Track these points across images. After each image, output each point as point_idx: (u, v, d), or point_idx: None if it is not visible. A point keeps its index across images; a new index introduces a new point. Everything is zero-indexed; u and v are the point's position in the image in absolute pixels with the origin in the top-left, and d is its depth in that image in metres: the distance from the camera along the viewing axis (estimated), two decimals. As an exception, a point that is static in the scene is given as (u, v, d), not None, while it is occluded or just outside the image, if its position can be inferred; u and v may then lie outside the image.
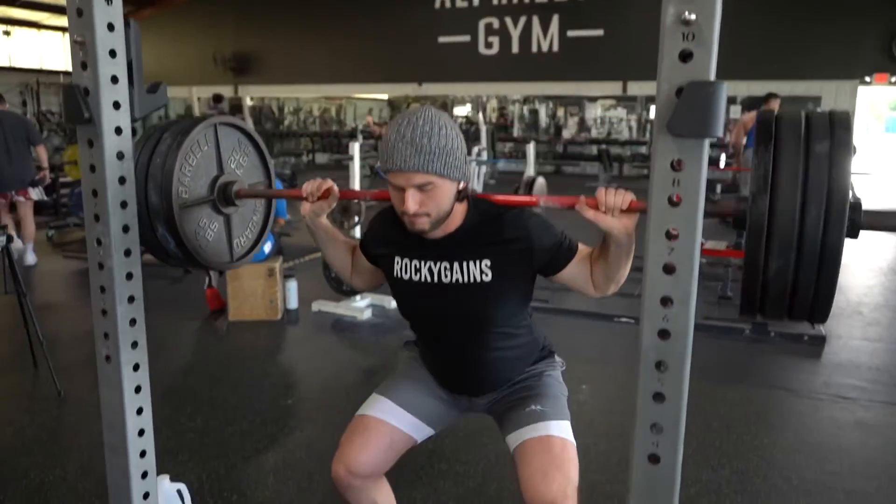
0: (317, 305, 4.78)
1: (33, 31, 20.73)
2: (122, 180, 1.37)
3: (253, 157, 1.87)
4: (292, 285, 4.78)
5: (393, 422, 1.73)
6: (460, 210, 1.59)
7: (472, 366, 1.73)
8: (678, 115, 0.94)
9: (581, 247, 1.63)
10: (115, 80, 1.34)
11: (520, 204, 1.59)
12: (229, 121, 1.77)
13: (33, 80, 18.23)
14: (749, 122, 7.94)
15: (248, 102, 15.97)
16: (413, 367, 1.87)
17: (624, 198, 1.34)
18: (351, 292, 4.64)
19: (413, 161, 1.42)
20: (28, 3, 18.60)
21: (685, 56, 0.94)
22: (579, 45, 15.66)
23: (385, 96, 20.74)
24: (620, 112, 18.36)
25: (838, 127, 1.06)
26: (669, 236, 0.99)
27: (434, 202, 1.49)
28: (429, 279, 1.63)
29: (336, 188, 1.64)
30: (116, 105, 1.34)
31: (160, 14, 18.09)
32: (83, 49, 1.31)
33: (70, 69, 1.33)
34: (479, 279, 1.59)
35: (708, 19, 0.92)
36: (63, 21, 20.35)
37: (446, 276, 1.61)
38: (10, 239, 3.34)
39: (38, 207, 8.84)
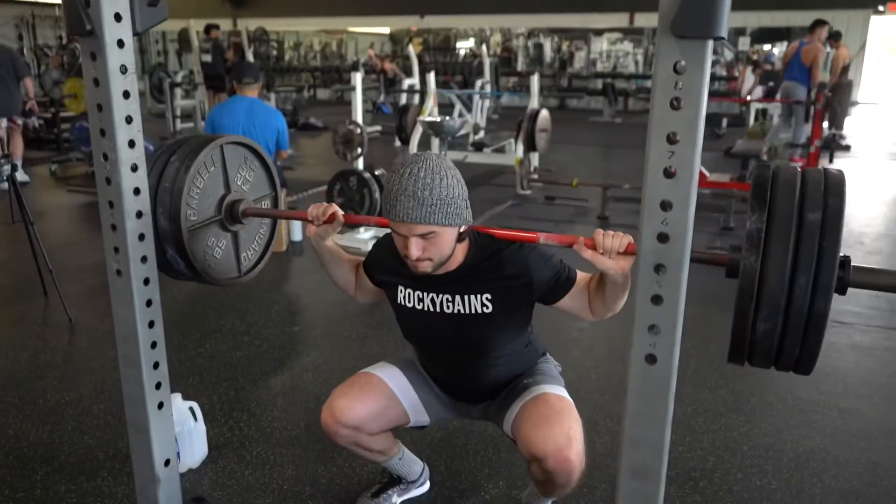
0: (321, 237, 4.80)
1: (26, -38, 20.16)
2: (126, 94, 1.37)
3: (259, 171, 1.90)
4: (296, 217, 4.79)
5: (395, 390, 1.81)
6: (461, 249, 1.64)
7: (472, 382, 1.81)
8: (681, 14, 0.94)
9: (579, 275, 1.67)
10: (115, -9, 1.33)
11: (520, 240, 1.60)
12: (235, 140, 1.80)
13: (28, 13, 17.88)
14: (790, 54, 7.84)
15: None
16: (417, 364, 1.92)
17: (621, 241, 1.40)
18: (355, 224, 4.65)
19: (415, 213, 1.46)
20: (20, -67, 18.08)
21: (690, -46, 0.93)
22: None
23: (387, 30, 20.32)
24: (626, 46, 18.00)
25: (832, 196, 1.10)
26: (670, 140, 0.99)
27: (436, 248, 1.54)
28: (431, 309, 1.69)
29: (341, 213, 1.68)
30: (118, 17, 1.33)
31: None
32: (82, -41, 1.29)
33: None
34: (479, 311, 1.65)
35: (714, -85, 0.91)
36: (55, -48, 19.79)
37: (448, 307, 1.67)
38: (14, 167, 3.35)
39: (41, 142, 8.86)
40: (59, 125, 8.48)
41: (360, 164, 4.77)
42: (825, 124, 6.48)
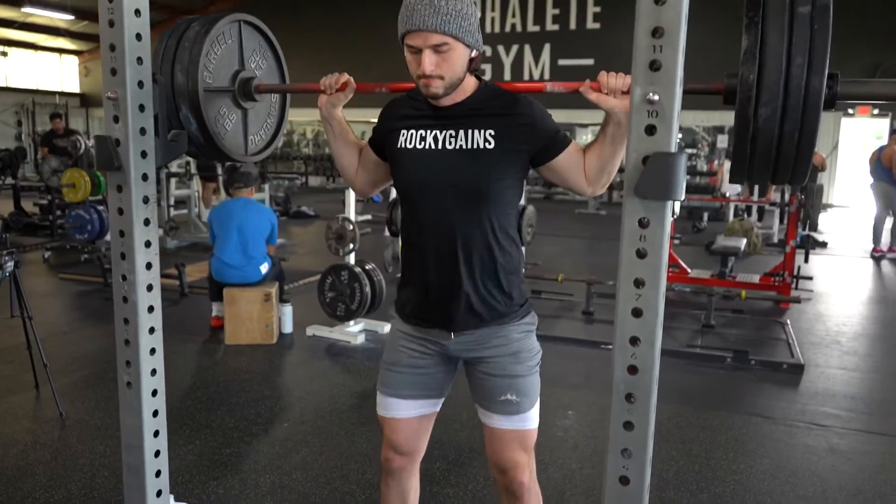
0: (311, 330, 4.90)
1: (30, 51, 20.90)
2: (146, 222, 1.51)
3: (271, 62, 1.97)
4: (287, 310, 4.90)
5: (406, 414, 1.89)
6: (471, 83, 1.71)
7: (458, 259, 1.73)
8: (644, 180, 1.09)
9: (574, 142, 1.76)
10: (143, 132, 1.48)
11: (527, 90, 1.72)
12: (253, 21, 1.87)
13: (29, 101, 18.37)
14: (873, 158, 9.10)
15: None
16: (394, 348, 1.89)
17: (625, 80, 1.50)
18: (345, 317, 4.76)
19: (431, 21, 1.53)
20: (25, 25, 18.79)
21: (650, 130, 1.09)
22: (570, 73, 15.97)
23: (375, 121, 20.98)
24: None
25: None
26: (637, 284, 1.13)
27: (448, 64, 1.59)
28: (433, 146, 1.71)
29: (352, 81, 1.76)
30: (143, 154, 1.48)
31: (154, 35, 18.31)
32: (115, 104, 1.45)
33: (64, 90, 1.46)
34: (481, 146, 1.68)
35: (669, 99, 1.08)
36: (59, 42, 20.57)
37: (450, 143, 1.70)
38: (17, 264, 3.45)
39: (35, 228, 8.99)
40: (54, 212, 8.63)
41: (352, 258, 4.91)
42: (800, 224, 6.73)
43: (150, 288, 1.53)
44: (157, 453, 1.61)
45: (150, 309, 1.54)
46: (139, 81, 1.46)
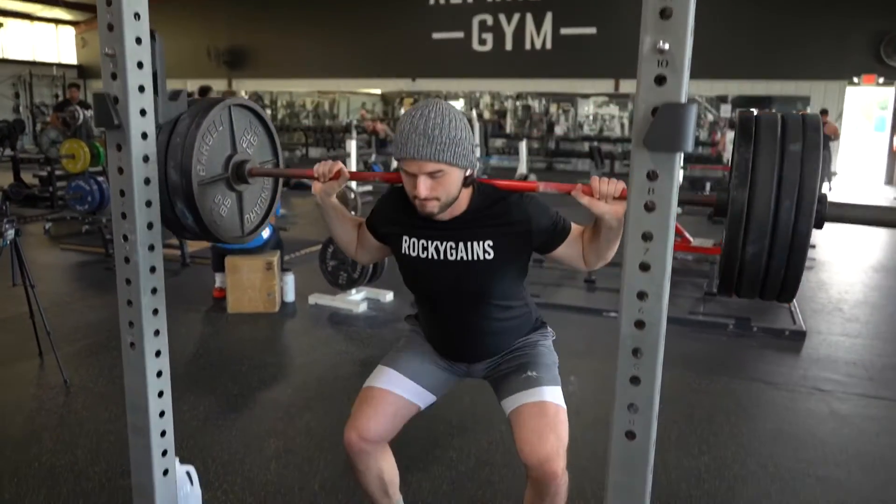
0: (313, 298, 4.90)
1: (26, 22, 20.68)
2: (147, 181, 1.49)
3: (262, 136, 1.97)
4: (289, 279, 4.90)
5: (398, 391, 1.89)
6: (466, 194, 1.74)
7: (471, 335, 1.88)
8: (653, 131, 1.07)
9: (574, 227, 1.79)
10: (141, 89, 1.46)
11: (521, 189, 1.74)
12: (242, 102, 1.87)
13: (26, 72, 18.22)
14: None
15: (243, 94, 16.01)
16: (414, 339, 2.02)
17: (616, 186, 1.50)
18: (347, 286, 4.76)
19: (425, 151, 1.57)
20: (21, -5, 18.56)
21: (660, 80, 1.07)
22: (572, 42, 15.81)
23: (378, 91, 20.84)
24: (612, 109, 18.49)
25: (810, 129, 1.19)
26: (645, 238, 1.12)
27: (443, 188, 1.63)
28: (435, 256, 1.78)
29: (346, 169, 1.76)
30: (143, 112, 1.46)
31: (153, 7, 18.11)
32: (113, 61, 1.42)
33: (62, 61, 1.44)
34: (481, 257, 1.74)
35: (679, 48, 1.05)
36: (56, 13, 20.34)
37: (451, 255, 1.76)
38: (18, 232, 3.44)
39: (36, 200, 8.96)
40: (54, 184, 8.60)
41: (354, 227, 4.89)
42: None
43: (151, 248, 1.52)
44: (162, 413, 1.62)
45: (153, 269, 1.53)
46: (137, 37, 1.43)
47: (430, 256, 1.79)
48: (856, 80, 13.83)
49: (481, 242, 1.73)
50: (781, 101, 15.44)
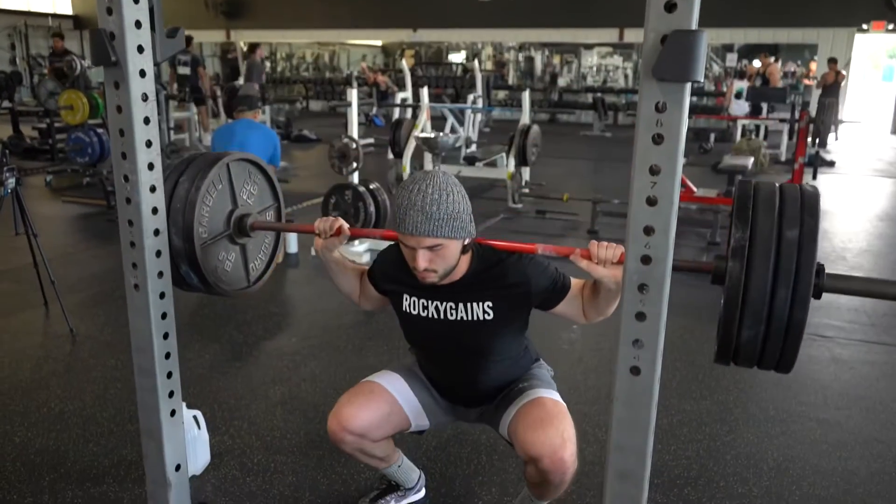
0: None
1: (19, -28, 20.22)
2: (146, 120, 1.47)
3: (262, 183, 1.99)
4: (292, 230, 4.89)
5: (397, 396, 1.90)
6: (465, 260, 1.75)
7: (470, 384, 1.90)
8: (663, 60, 1.04)
9: (573, 282, 1.80)
10: (138, 24, 1.42)
11: (519, 251, 1.74)
12: (240, 157, 1.89)
13: (21, 23, 17.91)
14: None
15: (242, 46, 15.76)
16: (416, 370, 2.02)
17: (615, 252, 1.52)
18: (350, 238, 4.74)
19: (424, 227, 1.59)
20: (13, -57, 18.13)
21: (670, 6, 1.04)
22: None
23: (379, 42, 20.50)
24: (616, 60, 18.20)
25: (807, 215, 1.19)
26: (653, 171, 1.10)
27: (442, 259, 1.66)
28: (435, 316, 1.80)
29: (346, 226, 1.79)
30: (140, 49, 1.43)
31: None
32: (108, -5, 1.38)
33: (58, 11, 1.40)
34: (481, 318, 1.77)
35: (691, -28, 1.02)
36: (49, -38, 19.86)
37: (451, 315, 1.79)
38: (19, 181, 3.42)
39: (36, 152, 8.91)
40: (54, 136, 8.53)
41: (356, 178, 4.87)
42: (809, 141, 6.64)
43: (153, 189, 1.51)
44: (168, 355, 1.62)
45: (155, 210, 1.52)
46: (132, -30, 1.39)
47: (430, 315, 1.81)
48: (865, 27, 13.55)
49: (481, 304, 1.75)
50: (788, 50, 15.18)
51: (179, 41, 1.54)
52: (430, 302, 1.80)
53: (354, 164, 4.82)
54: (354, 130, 4.95)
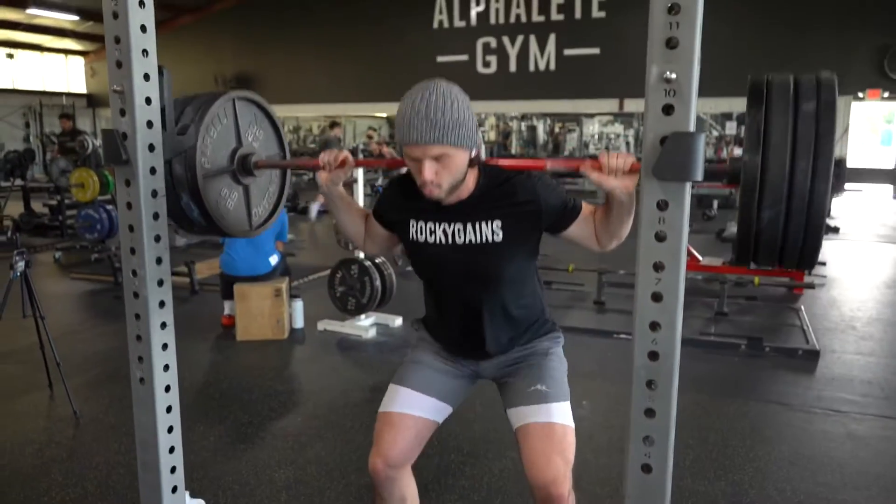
0: (322, 325, 4.89)
1: (36, 53, 20.96)
2: (156, 216, 1.49)
3: (268, 131, 1.97)
4: (298, 305, 4.89)
5: (415, 412, 1.85)
6: (472, 176, 1.70)
7: (480, 324, 1.82)
8: (662, 161, 1.07)
9: (585, 206, 1.75)
10: (150, 124, 1.46)
11: (528, 168, 1.71)
12: (246, 95, 1.86)
13: (36, 102, 18.42)
14: None
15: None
16: (423, 350, 1.96)
17: (626, 160, 1.45)
18: (356, 311, 4.75)
19: (429, 135, 1.54)
20: (30, 27, 18.83)
21: (667, 109, 1.07)
22: (576, 63, 15.88)
23: (384, 114, 20.97)
24: (618, 128, 18.55)
25: (824, 88, 1.16)
26: (657, 268, 1.10)
27: (448, 171, 1.60)
28: (443, 241, 1.74)
29: (351, 158, 1.75)
30: (151, 147, 1.47)
31: (160, 38, 18.38)
32: (122, 97, 1.43)
33: (71, 90, 1.45)
34: (490, 239, 1.70)
35: (686, 78, 1.05)
36: (65, 43, 20.62)
37: (460, 238, 1.72)
38: (28, 264, 3.45)
39: (45, 229, 9.02)
40: (64, 213, 8.65)
41: (362, 253, 4.90)
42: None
43: (160, 283, 1.52)
44: (172, 449, 1.60)
45: (162, 304, 1.53)
46: (145, 74, 1.44)
47: (437, 241, 1.75)
48: (861, 94, 13.82)
49: (490, 223, 1.70)
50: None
51: (190, 138, 1.58)
52: (437, 226, 1.74)
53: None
54: (360, 204, 5.01)
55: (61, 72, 21.65)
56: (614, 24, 14.85)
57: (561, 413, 1.80)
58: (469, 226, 1.71)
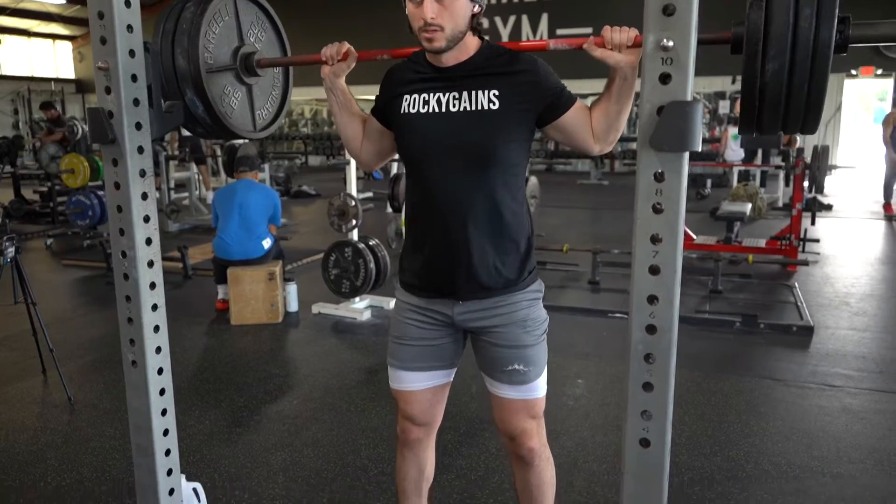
0: (317, 308, 4.87)
1: (23, 38, 20.72)
2: (144, 196, 1.47)
3: (270, 33, 1.94)
4: (292, 288, 4.87)
5: (420, 385, 1.87)
6: (473, 42, 1.67)
7: (465, 223, 1.70)
8: (660, 131, 1.05)
9: (579, 101, 1.72)
10: (136, 102, 1.43)
11: (529, 48, 1.68)
12: None
13: (24, 88, 18.22)
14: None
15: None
16: (401, 322, 1.86)
17: (629, 34, 1.44)
18: (350, 294, 4.73)
19: None
20: (17, 11, 18.60)
21: (664, 78, 1.04)
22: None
23: (373, 97, 20.82)
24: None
25: None
26: (654, 240, 1.09)
27: (450, 13, 1.56)
28: (437, 109, 1.68)
29: (353, 50, 1.73)
30: (138, 126, 1.44)
31: (145, 18, 18.15)
32: (107, 74, 1.40)
33: (59, 76, 1.42)
34: (486, 107, 1.64)
35: (684, 45, 1.03)
36: (52, 28, 20.38)
37: (454, 105, 1.66)
38: (18, 250, 3.42)
39: (36, 216, 8.96)
40: (55, 199, 8.59)
41: (355, 235, 4.87)
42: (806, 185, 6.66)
43: (150, 264, 1.50)
44: (166, 432, 1.59)
45: (153, 285, 1.51)
46: (130, 50, 1.41)
47: (431, 110, 1.68)
48: (854, 72, 13.79)
49: (486, 92, 1.64)
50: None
51: (177, 116, 1.55)
52: (431, 95, 1.68)
53: (354, 222, 4.83)
54: (353, 188, 4.98)
55: (49, 57, 21.41)
56: (606, 3, 14.75)
57: (535, 388, 1.81)
58: (465, 93, 1.66)
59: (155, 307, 1.52)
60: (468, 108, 1.65)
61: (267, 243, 4.89)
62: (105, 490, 2.60)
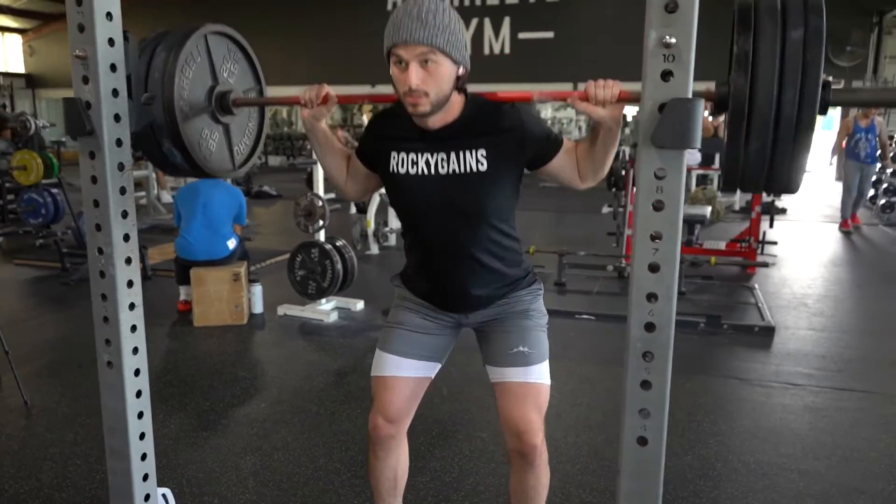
0: (282, 309, 4.80)
1: (-29, 31, 19.98)
2: (122, 190, 1.41)
3: (243, 63, 1.90)
4: (257, 290, 4.79)
5: (405, 373, 1.85)
6: (458, 101, 1.67)
7: (463, 268, 1.78)
8: (661, 128, 1.05)
9: (566, 140, 1.75)
10: (115, 93, 1.38)
11: (515, 100, 1.68)
12: (217, 29, 1.79)
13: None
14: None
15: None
16: (402, 309, 1.92)
17: (613, 91, 1.44)
18: (316, 295, 4.67)
19: (418, 34, 1.50)
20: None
21: (666, 75, 1.04)
22: (530, 47, 15.89)
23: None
24: (570, 112, 18.68)
25: (812, 13, 1.13)
26: (654, 238, 1.09)
27: (434, 80, 1.55)
28: (426, 171, 1.69)
29: (333, 93, 1.69)
30: (117, 118, 1.39)
31: (127, 6, 17.72)
32: (85, 63, 1.34)
33: (8, 70, 1.36)
34: (474, 168, 1.66)
35: (686, 42, 1.03)
36: (2, 21, 19.70)
37: (443, 167, 1.67)
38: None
39: (-15, 215, 8.63)
40: (4, 196, 8.29)
41: (322, 235, 4.81)
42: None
43: (128, 261, 1.44)
44: (143, 436, 1.54)
45: (130, 283, 1.46)
46: (109, 38, 1.36)
47: (420, 172, 1.70)
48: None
49: (474, 152, 1.66)
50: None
51: (157, 108, 1.50)
52: (419, 156, 1.69)
53: (321, 222, 4.77)
54: (320, 188, 4.92)
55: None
56: (568, 8, 14.91)
57: (539, 372, 1.83)
58: (453, 155, 1.67)
59: (132, 306, 1.47)
60: (457, 171, 1.67)
61: (232, 244, 4.79)
62: (65, 497, 2.51)
